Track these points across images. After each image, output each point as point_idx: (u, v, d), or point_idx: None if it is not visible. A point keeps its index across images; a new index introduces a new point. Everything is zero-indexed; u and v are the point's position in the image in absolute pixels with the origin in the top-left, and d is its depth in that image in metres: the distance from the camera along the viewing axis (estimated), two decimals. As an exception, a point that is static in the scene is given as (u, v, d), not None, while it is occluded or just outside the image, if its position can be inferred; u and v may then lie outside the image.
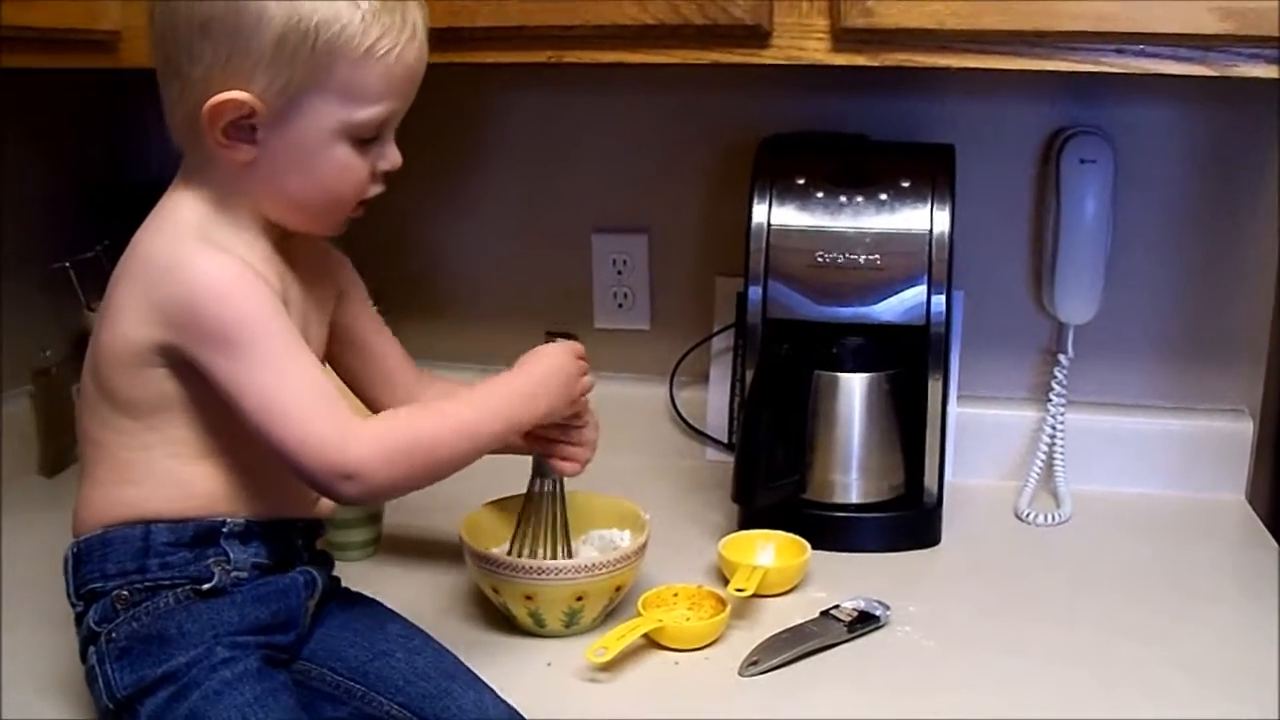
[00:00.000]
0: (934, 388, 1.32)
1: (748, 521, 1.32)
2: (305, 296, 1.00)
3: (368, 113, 0.93)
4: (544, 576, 1.08)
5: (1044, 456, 1.46)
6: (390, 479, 0.92)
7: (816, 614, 1.14)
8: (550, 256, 1.60)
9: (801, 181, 1.32)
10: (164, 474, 0.94)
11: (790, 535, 1.26)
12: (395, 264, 1.61)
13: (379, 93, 0.93)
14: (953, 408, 1.45)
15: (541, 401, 1.05)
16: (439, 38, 1.00)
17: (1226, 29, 1.06)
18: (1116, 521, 1.40)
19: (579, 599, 1.09)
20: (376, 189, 0.99)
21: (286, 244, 0.99)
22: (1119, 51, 1.11)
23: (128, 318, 0.92)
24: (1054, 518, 1.39)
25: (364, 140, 0.95)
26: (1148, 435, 1.47)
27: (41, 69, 1.20)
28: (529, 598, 1.09)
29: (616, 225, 1.58)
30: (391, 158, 0.99)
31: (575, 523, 1.16)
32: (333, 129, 0.93)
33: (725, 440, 1.56)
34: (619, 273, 1.59)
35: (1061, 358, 1.46)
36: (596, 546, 1.19)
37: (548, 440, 1.13)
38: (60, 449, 1.51)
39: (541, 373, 1.07)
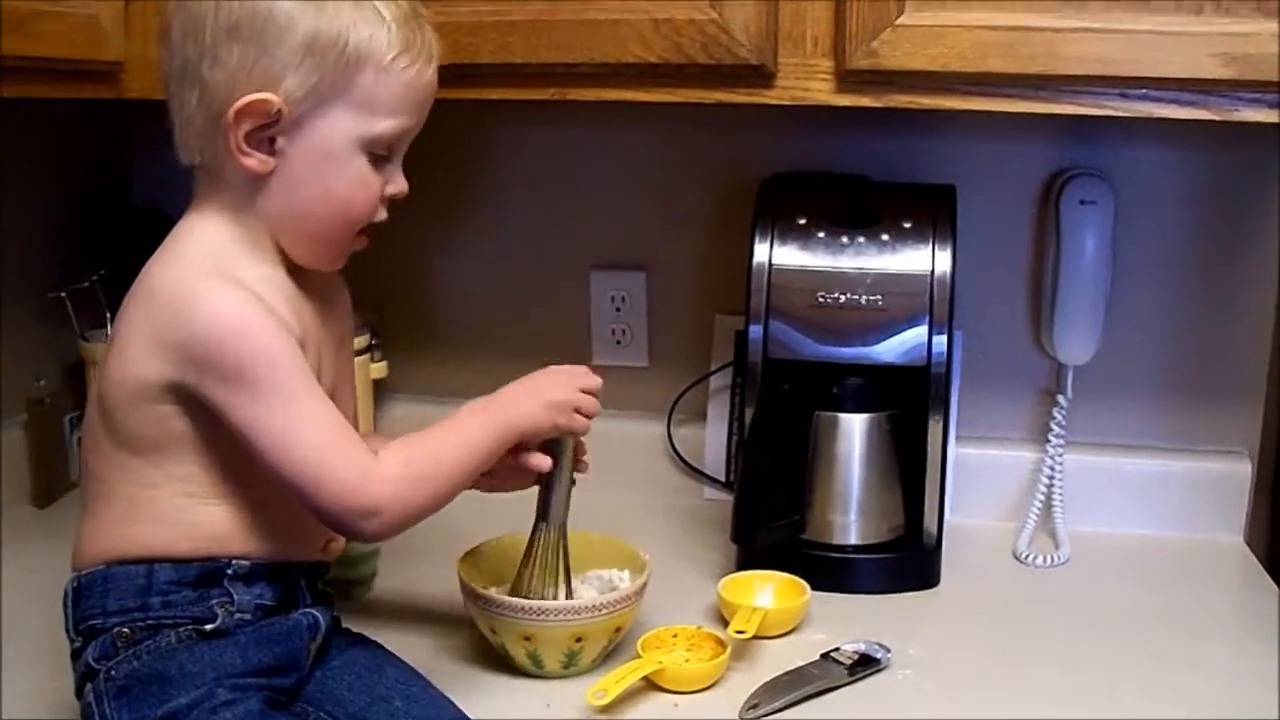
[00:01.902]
0: (934, 428, 1.32)
1: (747, 561, 1.31)
2: (320, 332, 1.00)
3: (386, 125, 0.94)
4: (543, 617, 1.07)
5: (1043, 497, 1.46)
6: (406, 511, 0.93)
7: (817, 656, 1.13)
8: (549, 293, 1.60)
9: (803, 221, 1.32)
10: (169, 513, 0.93)
11: (789, 576, 1.25)
12: (394, 298, 1.61)
13: (398, 106, 0.95)
14: (952, 448, 1.44)
15: (528, 409, 1.04)
16: (443, 74, 1.00)
17: (1228, 74, 1.06)
18: (1115, 563, 1.40)
19: (578, 640, 1.08)
20: (382, 215, 0.99)
21: (302, 278, 0.99)
22: (1122, 95, 1.11)
23: (136, 353, 0.91)
24: (1053, 559, 1.39)
25: (378, 157, 0.96)
26: (1146, 477, 1.47)
27: (42, 99, 1.20)
28: (527, 638, 1.08)
29: (616, 262, 1.58)
30: (399, 183, 0.99)
31: (574, 563, 1.15)
32: (352, 140, 0.94)
33: (724, 479, 1.56)
34: (618, 310, 1.58)
35: (1060, 398, 1.46)
36: (595, 587, 1.17)
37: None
38: (53, 479, 1.49)
39: (528, 385, 1.06)
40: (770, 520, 1.29)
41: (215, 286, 0.90)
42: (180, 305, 0.90)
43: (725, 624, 1.16)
